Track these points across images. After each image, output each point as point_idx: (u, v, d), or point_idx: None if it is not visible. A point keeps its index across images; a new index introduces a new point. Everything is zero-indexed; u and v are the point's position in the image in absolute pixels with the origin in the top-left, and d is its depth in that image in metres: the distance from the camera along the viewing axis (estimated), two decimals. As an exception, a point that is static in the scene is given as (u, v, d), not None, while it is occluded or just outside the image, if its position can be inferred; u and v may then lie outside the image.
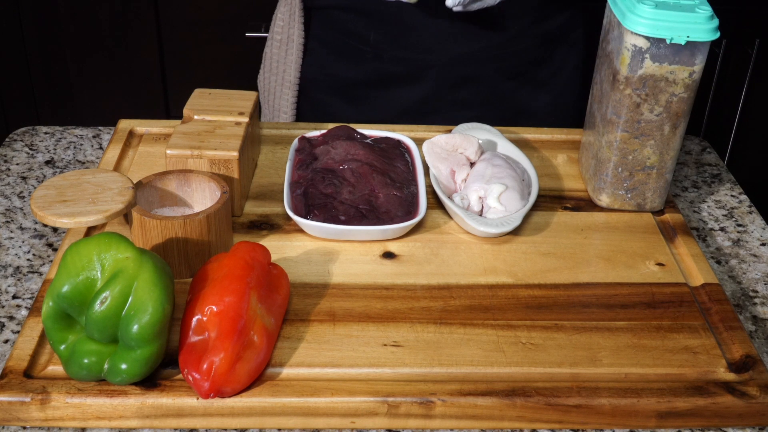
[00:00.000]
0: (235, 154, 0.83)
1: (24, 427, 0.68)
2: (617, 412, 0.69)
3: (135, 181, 0.85)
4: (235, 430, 0.68)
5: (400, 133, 0.97)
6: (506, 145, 0.96)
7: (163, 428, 0.68)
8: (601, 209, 0.92)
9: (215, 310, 0.67)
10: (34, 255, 0.85)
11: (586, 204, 0.92)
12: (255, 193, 0.91)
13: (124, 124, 1.00)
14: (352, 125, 0.96)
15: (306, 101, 1.18)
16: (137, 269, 0.65)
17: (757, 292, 0.85)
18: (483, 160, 0.92)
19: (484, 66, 1.11)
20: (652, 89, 0.84)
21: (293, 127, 1.03)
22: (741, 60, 1.91)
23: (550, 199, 0.93)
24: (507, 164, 0.90)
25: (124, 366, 0.66)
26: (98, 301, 0.64)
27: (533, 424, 0.69)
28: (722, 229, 0.94)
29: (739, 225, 0.94)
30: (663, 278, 0.82)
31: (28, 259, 0.84)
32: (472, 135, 0.94)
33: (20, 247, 0.86)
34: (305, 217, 0.84)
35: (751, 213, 0.97)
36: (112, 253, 0.66)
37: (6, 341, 0.75)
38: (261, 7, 1.24)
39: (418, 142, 0.96)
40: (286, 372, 0.70)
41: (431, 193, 0.91)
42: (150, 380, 0.68)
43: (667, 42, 0.81)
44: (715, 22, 0.81)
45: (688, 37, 0.81)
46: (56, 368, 0.69)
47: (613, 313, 0.77)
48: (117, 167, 0.93)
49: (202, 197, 0.83)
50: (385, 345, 0.72)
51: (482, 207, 0.88)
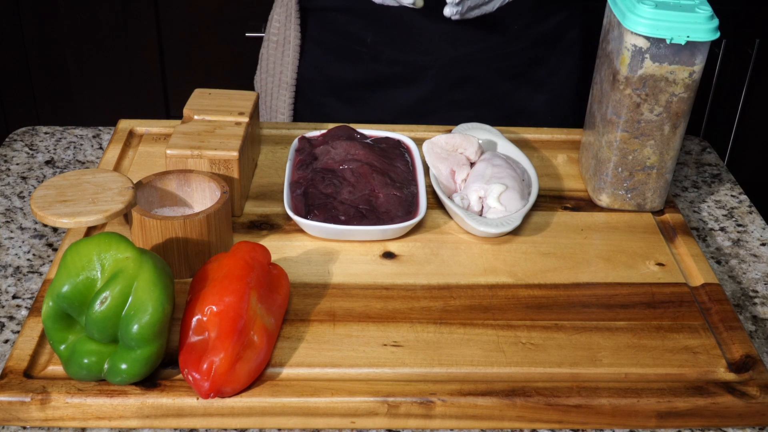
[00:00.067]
0: (235, 154, 0.83)
1: (24, 427, 0.68)
2: (617, 412, 0.69)
3: (135, 181, 0.85)
4: (235, 430, 0.68)
5: (400, 133, 0.97)
6: (506, 145, 0.96)
7: (163, 428, 0.68)
8: (601, 209, 0.92)
9: (215, 310, 0.67)
10: (34, 255, 0.85)
11: (586, 204, 0.92)
12: (255, 193, 0.91)
13: (124, 124, 1.00)
14: (352, 125, 0.96)
15: (303, 102, 1.18)
16: (137, 269, 0.65)
17: (757, 292, 0.85)
18: (483, 160, 0.92)
19: (482, 67, 1.11)
20: (652, 89, 0.84)
21: (293, 127, 1.03)
22: (741, 60, 1.91)
23: (550, 199, 0.93)
24: (507, 164, 0.90)
25: (124, 366, 0.66)
26: (98, 301, 0.64)
27: (533, 424, 0.69)
28: (722, 229, 0.94)
29: (739, 225, 0.94)
30: (663, 278, 0.82)
31: (28, 259, 0.84)
32: (472, 135, 0.94)
33: (20, 247, 0.86)
34: (305, 217, 0.84)
35: (751, 213, 0.97)
36: (112, 253, 0.66)
37: (6, 341, 0.75)
38: (261, 8, 1.24)
39: (418, 142, 0.96)
40: (286, 372, 0.70)
41: (431, 193, 0.91)
42: (150, 380, 0.68)
43: (667, 42, 0.81)
44: (715, 22, 0.81)
45: (688, 37, 0.81)
46: (56, 368, 0.69)
47: (613, 313, 0.77)
48: (117, 167, 0.93)
49: (202, 197, 0.83)
50: (385, 345, 0.72)
51: (482, 207, 0.88)
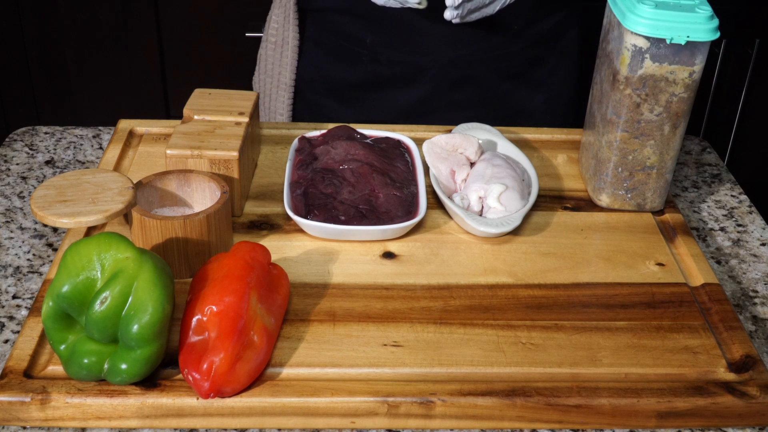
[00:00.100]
0: (235, 154, 0.83)
1: (24, 427, 0.68)
2: (617, 412, 0.69)
3: (135, 181, 0.85)
4: (235, 430, 0.68)
5: (400, 133, 0.97)
6: (506, 145, 0.96)
7: (163, 428, 0.68)
8: (601, 209, 0.92)
9: (215, 310, 0.67)
10: (34, 255, 0.85)
11: (586, 204, 0.92)
12: (255, 193, 0.91)
13: (124, 124, 1.00)
14: (351, 125, 0.96)
15: (302, 103, 1.18)
16: (137, 269, 0.65)
17: (757, 292, 0.85)
18: (483, 160, 0.92)
19: (482, 67, 1.11)
20: (652, 89, 0.84)
21: (293, 127, 1.03)
22: (741, 60, 1.91)
23: (550, 199, 0.93)
24: (507, 164, 0.90)
25: (124, 366, 0.66)
26: (98, 301, 0.64)
27: (533, 424, 0.69)
28: (722, 229, 0.94)
29: (739, 225, 0.94)
30: (663, 278, 0.82)
31: (28, 259, 0.84)
32: (472, 135, 0.94)
33: (20, 247, 0.86)
34: (305, 217, 0.84)
35: (751, 213, 0.97)
36: (112, 253, 0.66)
37: (6, 341, 0.75)
38: (260, 7, 1.24)
39: (418, 142, 0.96)
40: (286, 372, 0.70)
41: (431, 193, 0.91)
42: (150, 380, 0.68)
43: (667, 42, 0.81)
44: (715, 22, 0.81)
45: (688, 37, 0.81)
46: (56, 368, 0.69)
47: (613, 313, 0.77)
48: (117, 167, 0.93)
49: (202, 197, 0.83)
50: (385, 345, 0.72)
51: (482, 207, 0.88)
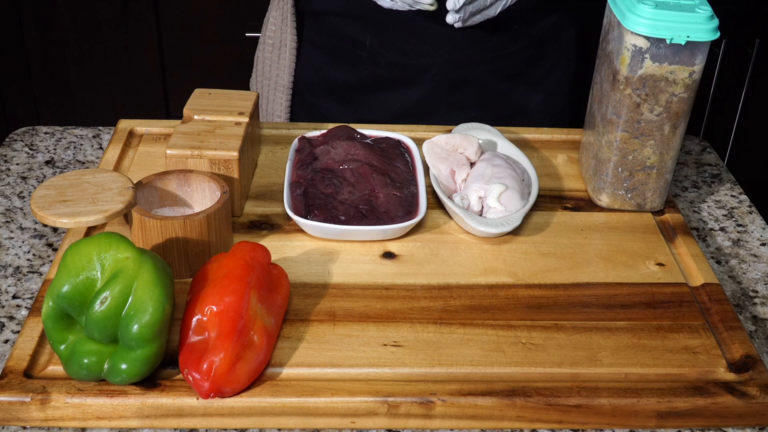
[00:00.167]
0: (235, 154, 0.83)
1: (24, 427, 0.68)
2: (617, 412, 0.69)
3: (135, 181, 0.85)
4: (235, 430, 0.68)
5: (400, 133, 0.97)
6: (506, 145, 0.96)
7: (163, 428, 0.68)
8: (601, 209, 0.92)
9: (215, 310, 0.67)
10: (34, 255, 0.85)
11: (586, 204, 0.92)
12: (255, 193, 0.91)
13: (124, 124, 1.00)
14: (351, 125, 0.96)
15: (300, 104, 1.18)
16: (137, 269, 0.65)
17: (757, 292, 0.85)
18: (483, 160, 0.92)
19: (481, 68, 1.11)
20: (652, 89, 0.84)
21: (293, 127, 1.03)
22: (741, 60, 1.91)
23: (550, 199, 0.93)
24: (507, 164, 0.90)
25: (124, 366, 0.66)
26: (98, 301, 0.64)
27: (533, 424, 0.69)
28: (722, 229, 0.94)
29: (739, 225, 0.94)
30: (663, 278, 0.82)
31: (28, 259, 0.84)
32: (472, 135, 0.94)
33: (20, 247, 0.86)
34: (305, 217, 0.84)
35: (751, 213, 0.97)
36: (112, 253, 0.66)
37: (6, 341, 0.75)
38: (260, 8, 1.24)
39: (418, 142, 0.96)
40: (286, 372, 0.70)
41: (431, 193, 0.91)
42: (150, 380, 0.68)
43: (667, 42, 0.81)
44: (715, 22, 0.81)
45: (688, 37, 0.81)
46: (56, 368, 0.69)
47: (613, 313, 0.77)
48: (117, 167, 0.93)
49: (202, 197, 0.83)
50: (385, 345, 0.72)
51: (482, 207, 0.88)
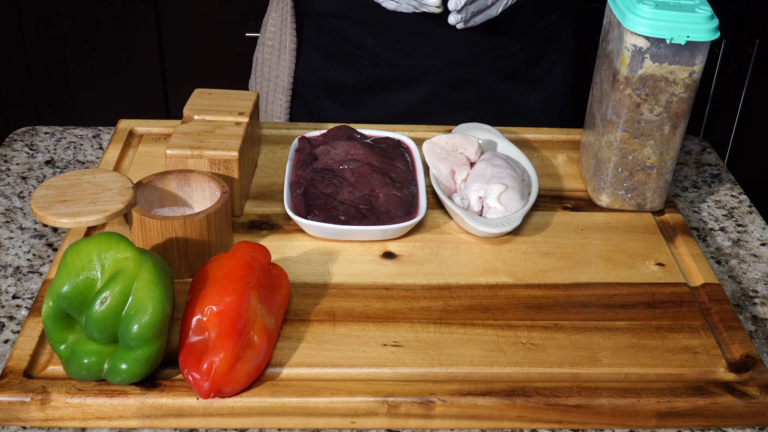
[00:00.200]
0: (235, 154, 0.83)
1: (24, 427, 0.68)
2: (617, 412, 0.69)
3: (135, 181, 0.85)
4: (235, 430, 0.68)
5: (400, 133, 0.97)
6: (506, 145, 0.96)
7: (163, 428, 0.68)
8: (601, 209, 0.92)
9: (215, 310, 0.67)
10: (34, 255, 0.85)
11: (586, 204, 0.92)
12: (255, 193, 0.91)
13: (124, 124, 1.00)
14: (351, 125, 0.96)
15: (300, 105, 1.18)
16: (137, 269, 0.65)
17: (757, 292, 0.85)
18: (483, 160, 0.92)
19: (481, 68, 1.11)
20: (652, 89, 0.84)
21: (293, 127, 1.03)
22: (741, 60, 1.91)
23: (550, 199, 0.93)
24: (507, 164, 0.90)
25: (124, 366, 0.66)
26: (98, 301, 0.64)
27: (533, 424, 0.69)
28: (722, 229, 0.94)
29: (739, 225, 0.94)
30: (663, 278, 0.82)
31: (28, 259, 0.84)
32: (472, 135, 0.94)
33: (20, 247, 0.86)
34: (305, 217, 0.84)
35: (751, 213, 0.97)
36: (112, 253, 0.66)
37: (6, 341, 0.75)
38: (260, 8, 1.24)
39: (418, 142, 0.96)
40: (286, 372, 0.70)
41: (431, 193, 0.91)
42: (150, 380, 0.68)
43: (667, 42, 0.81)
44: (715, 22, 0.81)
45: (688, 37, 0.81)
46: (56, 368, 0.69)
47: (613, 313, 0.77)
48: (117, 167, 0.93)
49: (202, 197, 0.83)
50: (385, 345, 0.72)
51: (482, 207, 0.88)
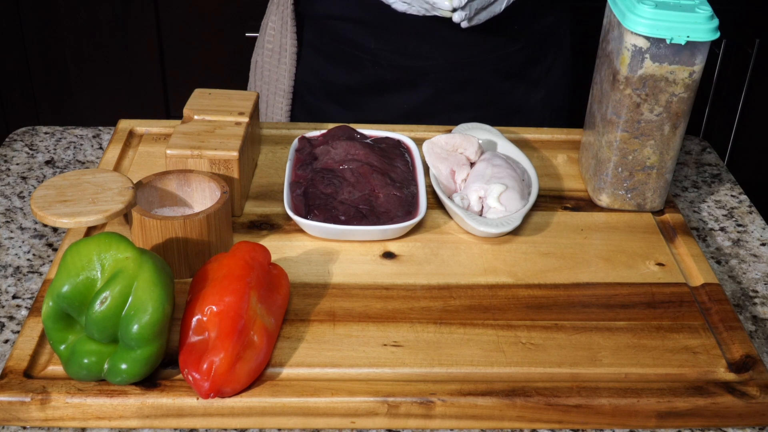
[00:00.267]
0: (235, 154, 0.83)
1: (24, 427, 0.68)
2: (617, 412, 0.69)
3: (135, 181, 0.85)
4: (235, 430, 0.68)
5: (400, 133, 0.97)
6: (506, 145, 0.96)
7: (163, 428, 0.68)
8: (601, 209, 0.92)
9: (215, 310, 0.67)
10: (34, 255, 0.85)
11: (586, 204, 0.92)
12: (255, 193, 0.91)
13: (124, 124, 1.00)
14: (351, 125, 0.96)
15: (300, 107, 1.18)
16: (137, 269, 0.65)
17: (757, 292, 0.85)
18: (483, 160, 0.92)
19: (482, 69, 1.11)
20: (652, 89, 0.84)
21: (293, 127, 1.03)
22: (741, 60, 1.91)
23: (550, 199, 0.93)
24: (507, 164, 0.90)
25: (124, 366, 0.66)
26: (98, 301, 0.64)
27: (533, 424, 0.69)
28: (722, 229, 0.94)
29: (739, 225, 0.94)
30: (663, 278, 0.82)
31: (28, 259, 0.84)
32: (472, 135, 0.94)
33: (20, 247, 0.86)
34: (305, 217, 0.84)
35: (751, 213, 0.97)
36: (112, 253, 0.66)
37: (6, 341, 0.75)
38: (261, 8, 1.24)
39: (418, 142, 0.96)
40: (286, 372, 0.70)
41: (431, 193, 0.91)
42: (150, 380, 0.68)
43: (667, 42, 0.81)
44: (715, 22, 0.81)
45: (688, 37, 0.81)
46: (56, 368, 0.69)
47: (613, 313, 0.77)
48: (117, 167, 0.93)
49: (202, 197, 0.83)
50: (385, 345, 0.72)
51: (482, 207, 0.88)
